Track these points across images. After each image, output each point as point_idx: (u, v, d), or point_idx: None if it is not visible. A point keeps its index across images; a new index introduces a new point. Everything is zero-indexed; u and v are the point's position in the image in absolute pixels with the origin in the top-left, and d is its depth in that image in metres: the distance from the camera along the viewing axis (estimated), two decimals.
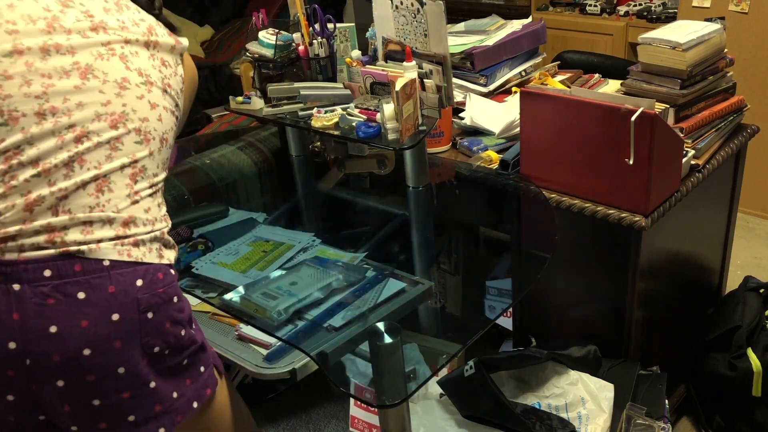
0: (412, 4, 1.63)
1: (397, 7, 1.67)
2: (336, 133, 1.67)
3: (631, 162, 1.49)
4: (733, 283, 2.18)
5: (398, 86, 1.51)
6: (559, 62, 2.25)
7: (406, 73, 1.58)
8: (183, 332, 1.13)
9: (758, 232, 3.02)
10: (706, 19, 1.81)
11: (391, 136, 1.58)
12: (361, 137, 1.62)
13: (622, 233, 1.58)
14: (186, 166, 2.17)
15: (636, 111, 1.44)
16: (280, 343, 1.36)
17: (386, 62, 1.75)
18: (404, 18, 1.67)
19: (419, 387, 1.17)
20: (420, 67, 1.65)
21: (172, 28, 1.27)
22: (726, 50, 1.79)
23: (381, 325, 1.21)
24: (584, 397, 1.59)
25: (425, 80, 1.64)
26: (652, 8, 3.42)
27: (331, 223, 1.92)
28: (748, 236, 2.96)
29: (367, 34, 1.86)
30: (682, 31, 1.70)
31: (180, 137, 1.70)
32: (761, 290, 2.03)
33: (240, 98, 1.85)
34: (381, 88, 1.70)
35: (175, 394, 1.13)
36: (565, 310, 1.83)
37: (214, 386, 1.22)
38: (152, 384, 1.09)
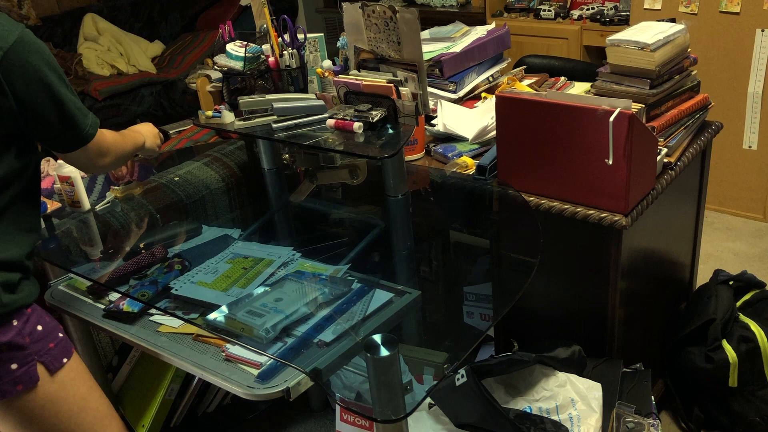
0: (385, 12, 1.62)
1: (369, 15, 1.66)
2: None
3: (610, 162, 1.50)
4: (699, 276, 2.22)
5: None
6: (525, 66, 2.27)
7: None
8: None
9: (717, 226, 3.11)
10: (659, 20, 1.85)
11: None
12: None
13: (603, 233, 1.59)
14: (151, 185, 2.10)
15: (613, 112, 1.46)
16: (270, 361, 1.32)
17: (359, 71, 1.73)
18: (376, 26, 1.66)
19: (424, 398, 1.15)
20: (394, 75, 1.64)
21: None
22: (690, 50, 1.83)
23: (377, 338, 1.18)
24: (574, 398, 1.59)
25: (401, 88, 1.63)
26: (605, 11, 3.49)
27: (308, 236, 1.89)
28: (708, 230, 3.04)
29: (338, 44, 1.84)
30: (649, 32, 1.73)
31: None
32: (731, 282, 2.07)
33: (210, 112, 1.80)
34: (356, 97, 1.68)
35: None
36: (547, 312, 1.83)
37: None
38: None
